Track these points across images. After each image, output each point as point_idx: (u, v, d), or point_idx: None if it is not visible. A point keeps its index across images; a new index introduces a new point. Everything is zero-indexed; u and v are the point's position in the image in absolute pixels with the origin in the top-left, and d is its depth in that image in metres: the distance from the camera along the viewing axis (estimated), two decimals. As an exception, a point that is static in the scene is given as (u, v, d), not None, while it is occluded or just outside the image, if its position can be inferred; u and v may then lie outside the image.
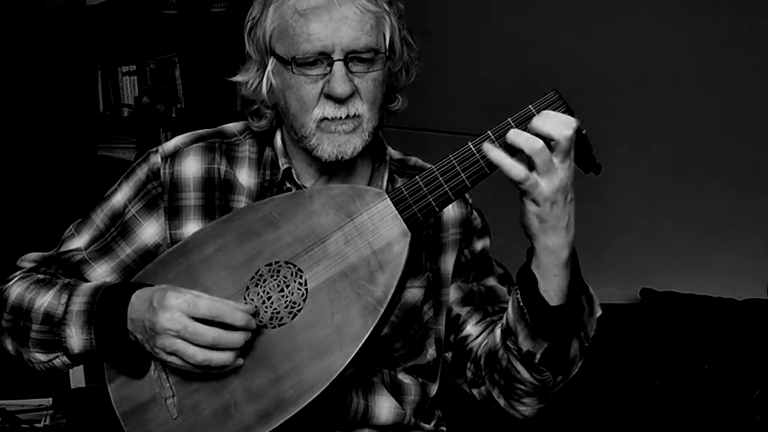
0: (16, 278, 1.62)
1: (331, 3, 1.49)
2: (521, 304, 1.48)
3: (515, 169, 1.38)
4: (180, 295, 1.41)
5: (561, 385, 1.57)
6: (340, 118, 1.52)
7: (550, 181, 1.38)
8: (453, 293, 1.69)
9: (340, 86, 1.50)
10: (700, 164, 3.66)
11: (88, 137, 3.51)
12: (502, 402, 1.62)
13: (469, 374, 1.66)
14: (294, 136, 1.59)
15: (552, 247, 1.42)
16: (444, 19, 3.65)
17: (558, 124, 1.37)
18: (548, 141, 1.37)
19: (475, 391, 1.66)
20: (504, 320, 1.55)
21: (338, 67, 1.50)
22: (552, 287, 1.45)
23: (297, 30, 1.50)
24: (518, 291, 1.49)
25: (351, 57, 1.51)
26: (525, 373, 1.54)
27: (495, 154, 1.39)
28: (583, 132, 1.44)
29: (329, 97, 1.51)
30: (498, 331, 1.57)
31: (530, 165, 1.38)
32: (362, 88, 1.52)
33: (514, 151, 1.39)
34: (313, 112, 1.53)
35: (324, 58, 1.50)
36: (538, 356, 1.50)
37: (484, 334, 1.65)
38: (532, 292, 1.46)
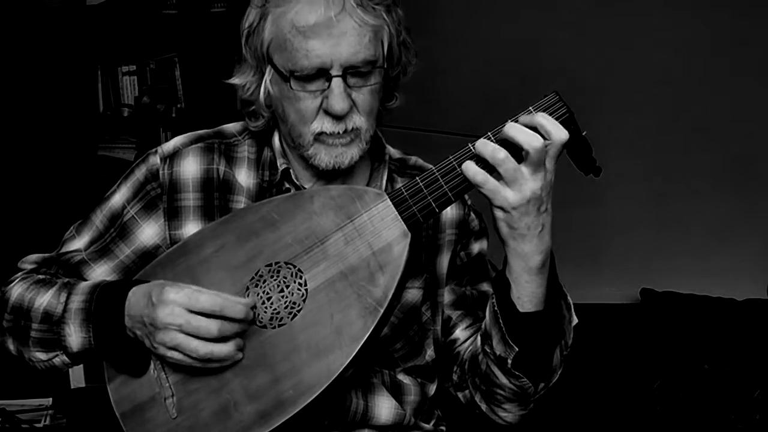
0: (17, 279, 1.62)
1: (330, 20, 1.47)
2: (496, 308, 1.48)
3: (471, 170, 1.39)
4: (179, 290, 1.41)
5: (542, 393, 1.57)
6: (338, 133, 1.52)
7: (518, 191, 1.37)
8: (446, 295, 1.69)
9: (339, 104, 1.49)
10: (700, 165, 3.66)
11: (88, 137, 3.50)
12: (483, 407, 1.62)
13: (454, 377, 1.67)
14: (291, 142, 1.59)
15: (521, 253, 1.43)
16: (444, 18, 3.65)
17: (529, 134, 1.36)
18: (520, 151, 1.37)
19: (460, 395, 1.67)
20: (483, 324, 1.55)
21: (336, 83, 1.49)
22: (524, 293, 1.45)
23: (295, 45, 1.49)
24: (494, 296, 1.49)
25: (349, 71, 1.50)
26: (503, 378, 1.54)
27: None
28: (584, 134, 1.44)
29: (328, 113, 1.51)
30: (479, 336, 1.58)
31: (497, 174, 1.38)
32: (360, 101, 1.52)
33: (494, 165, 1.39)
34: (312, 126, 1.53)
35: (322, 73, 1.50)
36: (509, 361, 1.50)
37: (472, 338, 1.65)
38: (505, 296, 1.47)
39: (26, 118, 3.40)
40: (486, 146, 1.38)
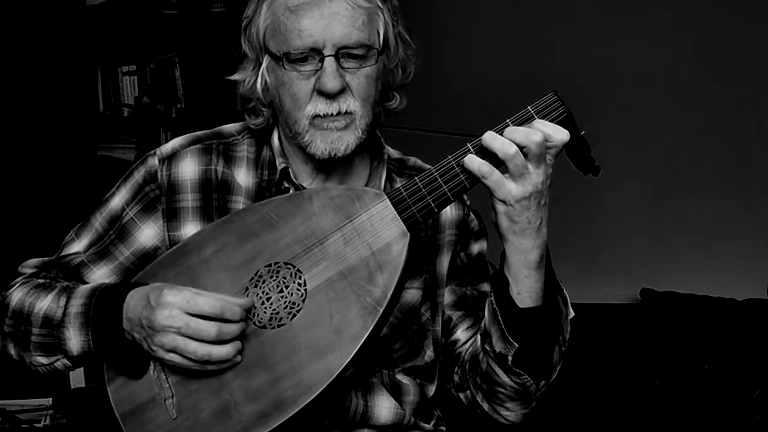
0: (18, 284, 1.62)
1: (322, 0, 1.49)
2: (494, 306, 1.49)
3: (476, 163, 1.39)
4: (178, 292, 1.41)
5: (543, 390, 1.57)
6: (332, 114, 1.52)
7: (522, 185, 1.39)
8: (447, 296, 1.69)
9: (331, 81, 1.50)
10: (700, 164, 3.67)
11: (88, 137, 3.51)
12: (486, 407, 1.62)
13: (456, 378, 1.67)
14: (288, 133, 1.59)
15: (521, 248, 1.44)
16: (444, 19, 3.65)
17: (527, 131, 1.38)
18: (522, 148, 1.38)
19: (461, 395, 1.67)
20: (482, 323, 1.55)
21: (329, 62, 1.50)
22: (524, 288, 1.46)
23: (288, 26, 1.51)
24: (492, 293, 1.49)
25: (342, 53, 1.51)
26: (504, 376, 1.54)
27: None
28: (582, 133, 1.44)
29: (321, 93, 1.51)
30: (478, 335, 1.58)
31: (504, 168, 1.39)
32: (354, 85, 1.52)
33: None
34: (306, 109, 1.53)
35: (315, 54, 1.50)
36: (510, 358, 1.50)
37: (472, 339, 1.65)
38: (503, 294, 1.47)
39: (26, 118, 3.40)
40: (495, 140, 1.39)
